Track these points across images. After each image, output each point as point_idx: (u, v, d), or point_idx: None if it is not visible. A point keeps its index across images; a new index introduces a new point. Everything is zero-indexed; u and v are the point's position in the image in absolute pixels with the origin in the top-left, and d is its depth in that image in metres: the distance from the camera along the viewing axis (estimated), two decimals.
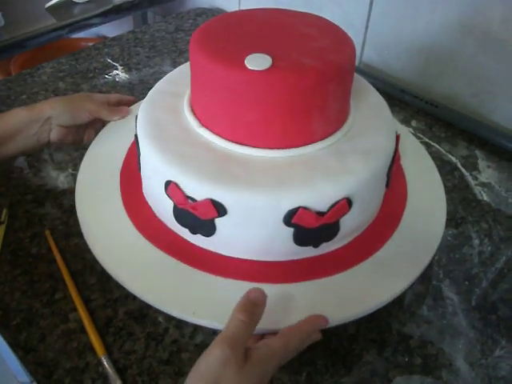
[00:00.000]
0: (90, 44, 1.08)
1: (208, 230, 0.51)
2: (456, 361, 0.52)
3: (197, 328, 0.53)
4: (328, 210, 0.49)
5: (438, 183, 0.64)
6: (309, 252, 0.53)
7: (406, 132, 0.74)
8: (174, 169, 0.49)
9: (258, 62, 0.47)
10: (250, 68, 0.46)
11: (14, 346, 0.51)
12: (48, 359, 0.50)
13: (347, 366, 0.51)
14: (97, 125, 0.68)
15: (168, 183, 0.50)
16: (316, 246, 0.53)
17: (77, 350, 0.51)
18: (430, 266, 0.60)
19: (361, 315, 0.50)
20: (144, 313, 0.54)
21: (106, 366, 0.49)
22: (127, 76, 0.93)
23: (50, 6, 1.11)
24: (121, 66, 0.96)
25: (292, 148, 0.51)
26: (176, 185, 0.49)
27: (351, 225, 0.53)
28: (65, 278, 0.56)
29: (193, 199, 0.49)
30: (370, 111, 0.58)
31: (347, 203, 0.49)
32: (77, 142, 0.68)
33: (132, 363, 0.50)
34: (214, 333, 0.52)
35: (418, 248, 0.56)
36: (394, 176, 0.59)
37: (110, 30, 1.50)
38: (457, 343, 0.53)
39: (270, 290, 0.46)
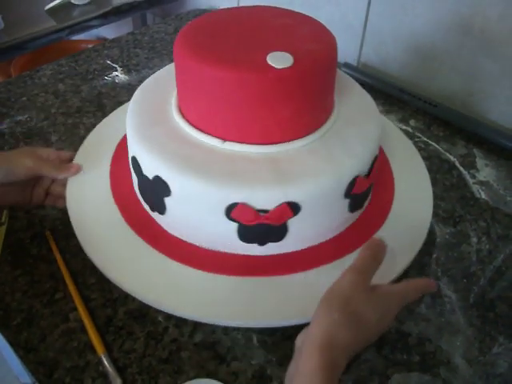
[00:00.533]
0: (90, 46, 1.08)
1: (280, 234, 0.52)
2: (454, 358, 0.52)
3: (196, 327, 0.53)
4: (369, 172, 0.55)
5: (424, 176, 0.66)
6: (356, 215, 0.59)
7: (395, 128, 0.75)
8: (240, 189, 0.49)
9: (278, 60, 0.48)
10: (274, 66, 0.48)
11: (15, 345, 0.51)
12: (48, 359, 0.50)
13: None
14: (44, 183, 0.62)
15: (233, 206, 0.49)
16: (362, 206, 0.59)
17: (77, 350, 0.51)
18: (428, 265, 0.60)
19: None
20: (144, 312, 0.54)
21: (106, 364, 0.49)
22: (127, 77, 0.94)
23: (49, 8, 1.11)
24: (120, 67, 0.97)
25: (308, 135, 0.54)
26: (244, 204, 0.49)
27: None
28: (65, 278, 0.57)
29: (265, 211, 0.49)
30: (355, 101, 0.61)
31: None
32: (23, 202, 0.61)
33: (132, 362, 0.50)
34: (213, 332, 0.53)
35: (408, 238, 0.58)
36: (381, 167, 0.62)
37: (109, 31, 1.51)
38: (455, 341, 0.53)
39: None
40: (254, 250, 0.54)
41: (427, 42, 0.84)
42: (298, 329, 0.52)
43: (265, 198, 0.49)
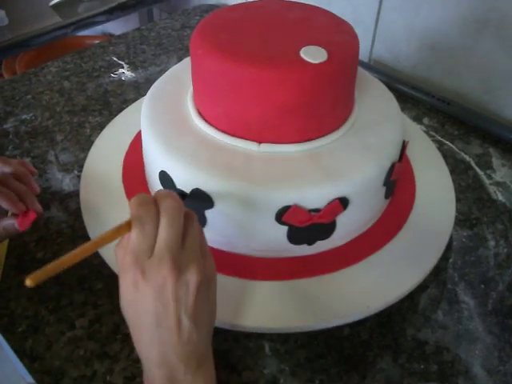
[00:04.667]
0: (96, 42, 1.07)
1: (329, 231, 0.52)
2: (473, 367, 0.50)
3: None
4: (401, 157, 0.56)
5: (447, 180, 0.65)
6: (387, 201, 0.60)
7: (417, 130, 0.73)
8: (291, 191, 0.48)
9: (313, 54, 0.47)
10: (311, 61, 0.47)
11: (20, 353, 0.50)
12: (54, 367, 0.49)
13: (361, 373, 0.49)
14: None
15: (285, 209, 0.48)
16: (393, 191, 0.60)
17: (83, 358, 0.49)
18: (444, 269, 0.59)
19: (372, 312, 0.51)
20: None
21: None
22: (133, 74, 0.92)
23: (54, 4, 1.10)
24: (127, 64, 0.95)
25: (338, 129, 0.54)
26: (297, 206, 0.48)
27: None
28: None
29: (317, 210, 0.48)
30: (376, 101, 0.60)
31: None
32: None
33: (140, 371, 0.48)
34: (224, 340, 0.51)
35: (427, 245, 0.57)
36: (402, 171, 0.61)
37: (115, 27, 1.49)
38: (473, 349, 0.52)
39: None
40: (302, 250, 0.53)
41: (441, 38, 0.82)
42: (312, 337, 0.51)
43: (317, 197, 0.48)
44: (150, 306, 0.38)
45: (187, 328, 0.39)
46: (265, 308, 0.50)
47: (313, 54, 0.47)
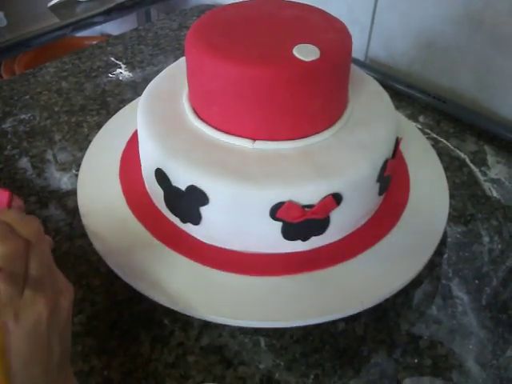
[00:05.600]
0: (94, 42, 1.07)
1: (323, 227, 0.52)
2: (466, 362, 0.51)
3: (202, 330, 0.52)
4: (394, 154, 0.57)
5: (441, 176, 0.65)
6: (381, 198, 0.60)
7: (412, 127, 0.74)
8: (285, 188, 0.48)
9: (306, 52, 0.48)
10: (303, 59, 0.47)
11: None
12: None
13: (355, 367, 0.50)
14: None
15: (278, 206, 0.49)
16: (387, 188, 0.60)
17: (81, 354, 0.50)
18: (439, 265, 0.59)
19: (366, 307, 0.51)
20: (149, 315, 0.53)
21: None
22: (131, 75, 0.92)
23: (52, 5, 1.10)
24: (124, 64, 0.96)
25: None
26: (291, 202, 0.48)
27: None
28: None
29: (310, 206, 0.49)
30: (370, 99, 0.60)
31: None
32: None
33: (137, 367, 0.49)
34: (219, 335, 0.52)
35: (421, 240, 0.57)
36: (396, 168, 0.61)
37: (113, 27, 1.50)
38: (467, 343, 0.52)
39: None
40: (296, 246, 0.54)
41: (437, 36, 0.83)
42: (307, 332, 0.52)
43: (310, 193, 0.49)
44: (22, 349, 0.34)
45: (57, 356, 0.36)
46: (260, 303, 0.50)
47: (305, 52, 0.48)
